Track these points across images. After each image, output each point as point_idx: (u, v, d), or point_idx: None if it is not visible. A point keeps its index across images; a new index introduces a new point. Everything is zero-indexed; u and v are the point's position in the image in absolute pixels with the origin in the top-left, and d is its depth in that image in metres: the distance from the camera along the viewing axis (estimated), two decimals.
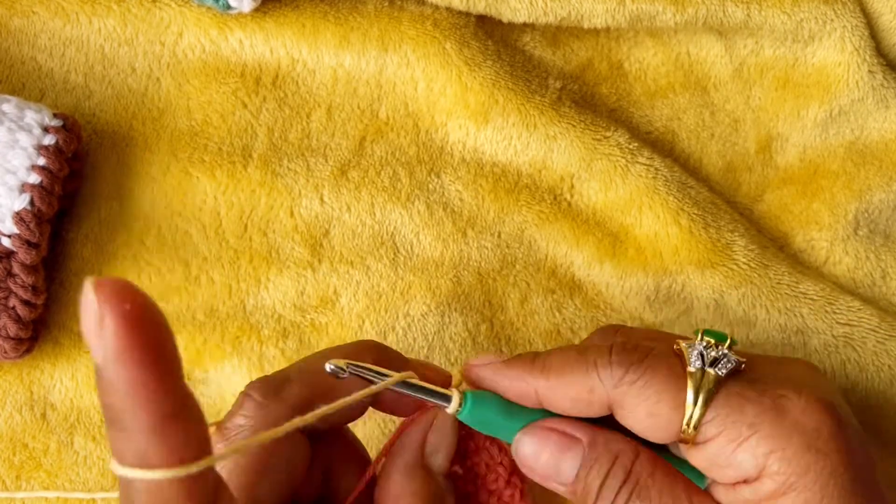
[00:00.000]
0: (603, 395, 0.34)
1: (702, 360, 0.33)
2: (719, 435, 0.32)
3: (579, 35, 0.50)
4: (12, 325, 0.42)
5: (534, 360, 0.36)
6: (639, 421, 0.34)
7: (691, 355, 0.34)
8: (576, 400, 0.34)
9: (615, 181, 0.47)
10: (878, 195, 0.48)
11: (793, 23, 0.47)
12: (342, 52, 0.48)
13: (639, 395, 0.33)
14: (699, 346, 0.34)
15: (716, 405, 0.32)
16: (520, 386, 0.35)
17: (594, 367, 0.34)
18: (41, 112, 0.44)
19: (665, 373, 0.33)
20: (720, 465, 0.33)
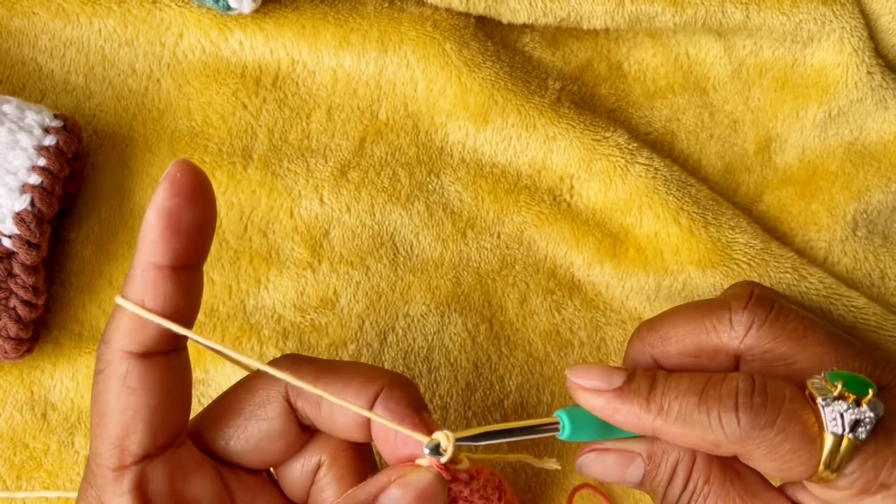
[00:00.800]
0: (729, 450, 0.33)
1: (841, 426, 0.31)
2: (849, 489, 0.32)
3: (579, 36, 0.51)
4: (13, 325, 0.42)
5: (649, 398, 0.34)
6: (764, 470, 0.34)
7: (828, 417, 0.31)
8: (697, 446, 0.34)
9: (615, 181, 0.47)
10: (877, 196, 0.49)
11: (792, 24, 0.47)
12: (342, 53, 0.48)
13: (768, 454, 0.32)
14: (838, 406, 0.32)
15: (850, 466, 0.32)
16: (636, 423, 0.34)
17: (718, 423, 0.32)
18: (42, 113, 0.44)
19: (799, 435, 0.32)
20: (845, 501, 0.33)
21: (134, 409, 0.32)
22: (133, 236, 0.47)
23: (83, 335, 0.46)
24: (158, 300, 0.31)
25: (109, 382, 0.32)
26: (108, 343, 0.32)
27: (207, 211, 0.32)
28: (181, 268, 0.32)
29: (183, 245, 0.31)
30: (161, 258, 0.31)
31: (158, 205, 0.31)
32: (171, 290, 0.32)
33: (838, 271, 0.48)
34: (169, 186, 0.31)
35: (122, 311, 0.32)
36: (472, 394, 0.46)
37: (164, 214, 0.31)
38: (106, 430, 0.32)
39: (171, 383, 0.33)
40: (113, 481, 0.32)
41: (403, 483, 0.33)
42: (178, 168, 0.31)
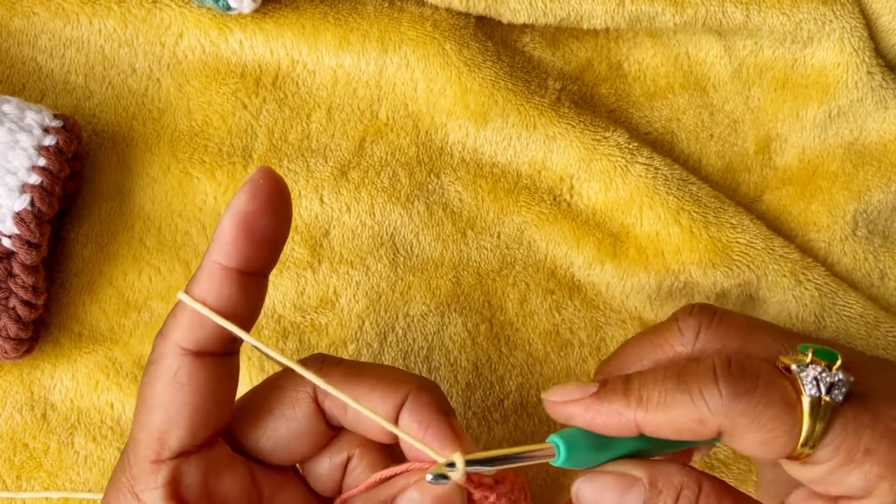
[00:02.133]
0: (713, 425, 0.33)
1: (817, 388, 0.32)
2: (833, 459, 0.32)
3: (579, 36, 0.51)
4: (13, 325, 0.42)
5: (626, 391, 0.34)
6: (749, 447, 0.33)
7: (805, 381, 0.32)
8: (682, 430, 0.33)
9: (615, 181, 0.47)
10: (877, 196, 0.49)
11: (792, 24, 0.47)
12: (342, 53, 0.48)
13: (751, 424, 0.32)
14: (812, 370, 0.33)
15: (832, 433, 0.32)
16: (618, 421, 0.34)
17: (700, 398, 0.33)
18: (41, 113, 0.44)
19: (780, 401, 0.32)
20: (826, 483, 0.33)
21: (179, 405, 0.32)
22: (133, 236, 0.47)
23: (83, 335, 0.46)
24: (221, 301, 0.32)
25: (160, 374, 0.32)
26: (164, 336, 0.33)
27: (283, 221, 0.33)
28: (248, 273, 0.32)
29: (254, 251, 0.32)
30: (230, 260, 0.32)
31: (237, 208, 0.32)
32: (234, 292, 0.32)
33: (838, 271, 0.48)
34: (250, 191, 0.32)
35: (184, 307, 0.32)
36: (472, 394, 0.46)
37: (240, 218, 0.32)
38: (149, 421, 0.32)
39: (218, 385, 0.33)
40: (148, 473, 0.32)
41: (422, 487, 0.34)
42: (261, 174, 0.32)
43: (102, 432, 0.46)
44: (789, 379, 0.33)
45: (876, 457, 0.32)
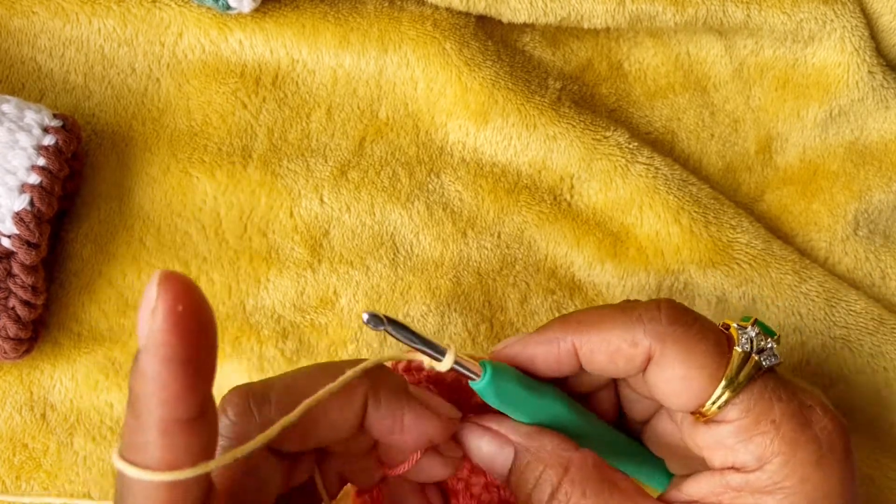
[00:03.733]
0: (646, 348, 0.33)
1: (751, 345, 0.33)
2: (740, 420, 0.33)
3: (579, 35, 0.50)
4: (12, 325, 0.42)
5: (565, 320, 0.35)
6: (668, 381, 0.33)
7: (741, 337, 0.33)
8: (614, 354, 0.34)
9: (615, 181, 0.47)
10: (878, 195, 0.49)
11: (793, 23, 0.47)
12: (342, 53, 0.48)
13: (681, 353, 0.33)
14: (751, 331, 0.34)
15: (748, 393, 0.33)
16: (557, 349, 0.35)
17: (640, 321, 0.33)
18: (41, 112, 0.44)
19: (713, 340, 0.33)
20: (724, 447, 0.33)
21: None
22: (132, 236, 0.47)
23: (82, 335, 0.46)
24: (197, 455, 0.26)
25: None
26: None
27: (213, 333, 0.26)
28: (202, 408, 0.26)
29: (202, 380, 0.26)
30: (184, 411, 0.25)
31: (164, 354, 0.25)
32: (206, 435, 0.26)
33: (839, 271, 0.48)
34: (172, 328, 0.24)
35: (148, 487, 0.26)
36: None
37: (174, 363, 0.25)
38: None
39: None
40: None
41: None
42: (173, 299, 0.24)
43: (102, 433, 0.45)
44: (726, 335, 0.34)
45: (781, 431, 0.32)
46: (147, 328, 0.25)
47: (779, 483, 0.32)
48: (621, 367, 0.34)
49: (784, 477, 0.32)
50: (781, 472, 0.32)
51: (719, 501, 0.33)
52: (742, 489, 0.33)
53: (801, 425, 0.33)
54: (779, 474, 0.32)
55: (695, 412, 0.34)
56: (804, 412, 0.33)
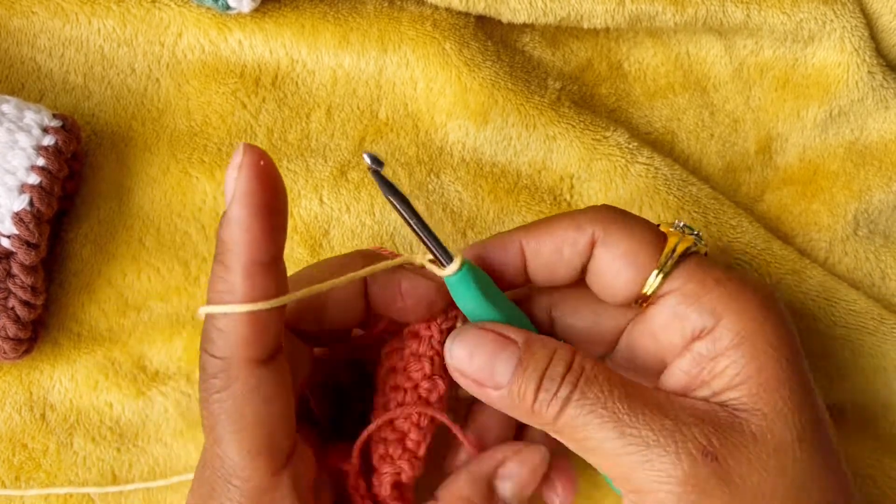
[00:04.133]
0: (589, 234, 0.36)
1: (681, 230, 0.36)
2: (685, 286, 0.35)
3: (579, 35, 0.50)
4: (11, 325, 0.42)
5: (511, 231, 0.37)
6: (614, 259, 0.35)
7: (674, 226, 0.37)
8: (559, 242, 0.36)
9: (615, 181, 0.47)
10: (878, 195, 0.48)
11: (792, 23, 0.47)
12: (342, 53, 0.48)
13: (622, 231, 0.35)
14: (678, 222, 0.37)
15: (688, 261, 0.35)
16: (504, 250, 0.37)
17: (584, 213, 0.36)
18: (40, 113, 0.44)
19: (651, 226, 0.36)
20: (679, 316, 0.35)
21: (276, 416, 0.32)
22: (132, 236, 0.47)
23: (82, 335, 0.46)
24: (273, 296, 0.31)
25: (241, 397, 0.31)
26: (227, 358, 0.31)
27: (284, 191, 0.31)
28: (277, 258, 0.31)
29: (279, 233, 0.31)
30: (264, 254, 0.30)
31: (250, 200, 0.30)
32: (273, 284, 0.31)
33: (839, 271, 0.48)
34: (257, 177, 0.30)
35: (234, 322, 0.31)
36: None
37: (258, 209, 0.30)
38: (250, 442, 0.31)
39: (289, 376, 0.33)
40: (272, 488, 0.32)
41: (521, 458, 0.36)
42: (256, 154, 0.30)
43: (101, 433, 0.45)
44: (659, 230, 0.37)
45: (726, 287, 0.34)
46: (233, 184, 0.30)
47: (738, 334, 0.33)
48: (566, 257, 0.36)
49: (742, 324, 0.33)
50: (737, 322, 0.34)
51: (701, 380, 0.34)
52: (713, 355, 0.34)
53: (741, 283, 0.34)
54: (736, 325, 0.33)
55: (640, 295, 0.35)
56: (739, 273, 0.35)
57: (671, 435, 0.32)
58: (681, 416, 0.32)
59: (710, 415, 0.33)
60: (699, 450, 0.32)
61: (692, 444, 0.32)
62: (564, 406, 0.33)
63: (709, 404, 0.33)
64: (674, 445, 0.32)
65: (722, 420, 0.33)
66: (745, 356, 0.33)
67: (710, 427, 0.32)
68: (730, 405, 0.33)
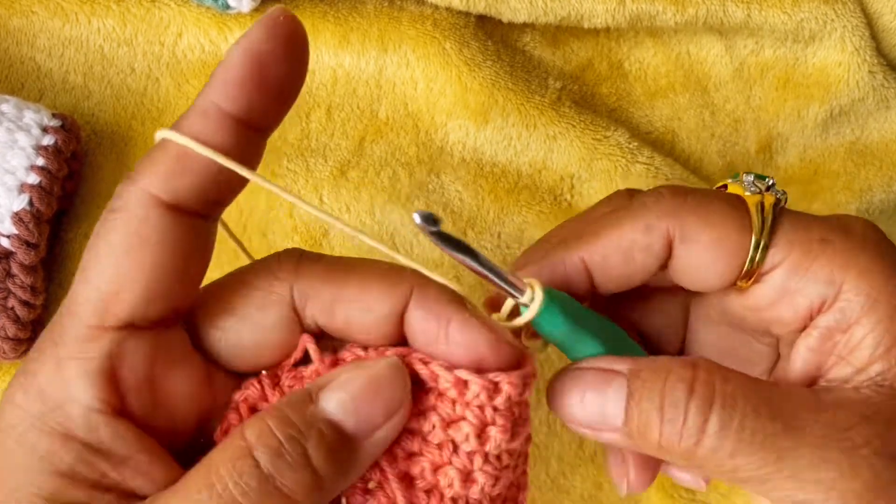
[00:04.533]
0: (662, 231, 0.31)
1: (756, 188, 0.32)
2: (789, 255, 0.30)
3: (579, 35, 0.50)
4: (11, 325, 0.42)
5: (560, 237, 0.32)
6: (702, 252, 0.30)
7: (745, 185, 0.32)
8: (629, 250, 0.31)
9: (616, 181, 0.47)
10: (879, 196, 0.48)
11: (793, 23, 0.47)
12: (342, 53, 0.48)
13: (700, 221, 0.30)
14: (747, 178, 0.32)
15: (782, 224, 0.30)
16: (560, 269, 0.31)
17: (645, 207, 0.31)
18: (40, 112, 0.44)
19: (723, 197, 0.31)
20: (791, 291, 0.30)
21: (137, 263, 0.26)
22: None
23: None
24: (215, 146, 0.26)
25: (119, 224, 0.27)
26: (134, 181, 0.27)
27: (299, 71, 0.27)
28: (248, 126, 0.27)
29: (261, 99, 0.27)
30: (232, 104, 0.26)
31: (249, 45, 0.26)
32: (229, 142, 0.27)
33: None
34: (267, 29, 0.26)
35: (164, 150, 0.27)
36: None
37: (252, 57, 0.26)
38: (96, 278, 0.27)
39: (187, 250, 0.27)
40: (84, 340, 0.26)
41: (355, 366, 0.28)
42: (282, 12, 0.27)
43: None
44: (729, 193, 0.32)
45: (834, 246, 0.30)
46: (256, 25, 0.26)
47: (868, 294, 0.29)
48: (640, 263, 0.31)
49: (869, 288, 0.29)
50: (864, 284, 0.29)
51: (839, 356, 0.30)
52: (844, 326, 0.29)
53: (846, 233, 0.30)
54: (863, 287, 0.29)
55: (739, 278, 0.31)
56: (841, 221, 0.31)
57: (839, 444, 0.27)
58: (842, 418, 0.28)
59: (872, 405, 0.28)
60: (876, 453, 0.27)
61: (867, 450, 0.27)
62: (700, 436, 0.28)
63: (862, 392, 0.29)
64: (846, 457, 0.27)
65: (884, 407, 0.28)
66: (882, 320, 0.29)
67: (879, 421, 0.28)
68: (885, 384, 0.28)
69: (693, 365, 0.29)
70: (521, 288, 0.29)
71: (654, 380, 0.29)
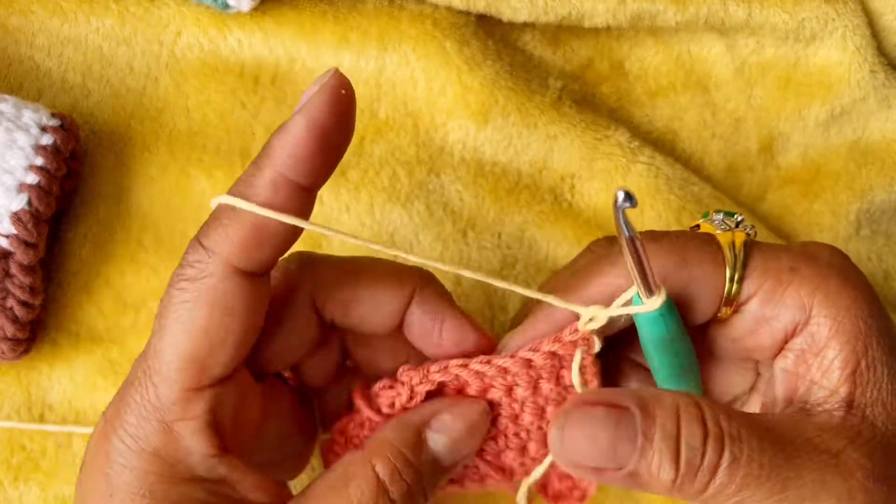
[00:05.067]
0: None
1: (726, 225, 0.34)
2: (763, 286, 0.32)
3: (580, 34, 0.50)
4: (10, 325, 0.42)
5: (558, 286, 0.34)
6: (684, 289, 0.32)
7: (713, 223, 0.34)
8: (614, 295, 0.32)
9: (616, 181, 0.47)
10: (880, 195, 0.48)
11: (794, 22, 0.47)
12: (341, 52, 0.48)
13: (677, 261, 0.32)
14: (716, 216, 0.34)
15: (753, 257, 0.32)
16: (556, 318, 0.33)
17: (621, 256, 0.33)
18: (39, 112, 0.44)
19: (697, 238, 0.33)
20: (765, 319, 0.32)
21: (227, 332, 0.29)
22: (131, 236, 0.46)
23: (81, 336, 0.46)
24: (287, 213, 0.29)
25: (204, 295, 0.29)
26: (213, 252, 0.29)
27: (351, 132, 0.30)
28: (311, 189, 0.30)
29: (324, 168, 0.30)
30: (301, 177, 0.29)
31: (313, 118, 0.29)
32: (297, 208, 0.29)
33: None
34: (331, 102, 0.29)
35: (238, 221, 0.29)
36: None
37: (317, 131, 0.29)
38: (186, 345, 0.29)
39: (260, 307, 0.31)
40: (184, 402, 0.30)
41: (456, 412, 0.33)
42: (340, 82, 0.29)
43: None
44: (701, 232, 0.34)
45: (802, 273, 0.32)
46: (307, 98, 0.29)
47: (835, 318, 0.31)
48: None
49: (835, 310, 0.31)
50: (828, 308, 0.31)
51: (811, 380, 0.31)
52: (816, 350, 0.31)
53: (812, 260, 0.32)
54: (828, 311, 0.31)
55: (719, 310, 0.33)
56: (807, 250, 0.33)
57: (835, 470, 0.29)
58: (832, 444, 0.29)
59: (851, 428, 0.30)
60: (868, 476, 0.29)
61: (861, 474, 0.29)
62: (713, 475, 0.29)
63: (837, 415, 0.30)
64: (843, 482, 0.29)
65: (862, 430, 0.30)
66: (848, 343, 0.31)
67: (861, 444, 0.30)
68: (854, 404, 0.30)
69: (696, 403, 0.30)
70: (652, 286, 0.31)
71: (667, 418, 0.29)
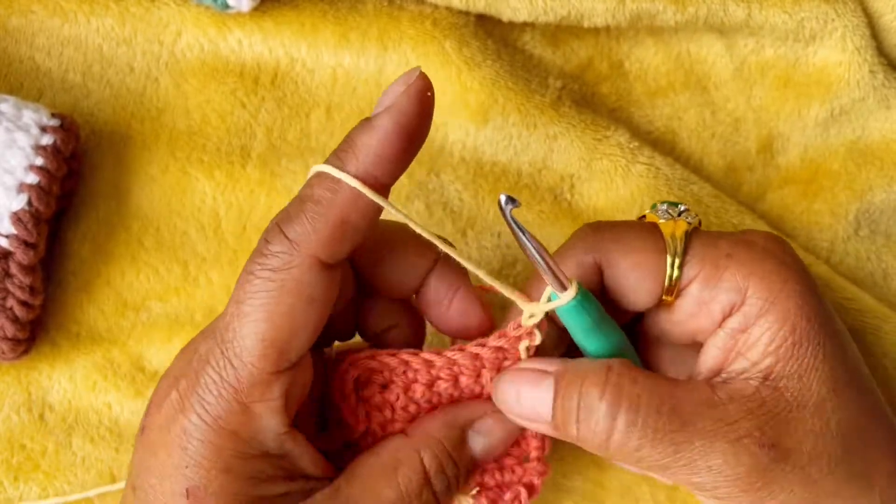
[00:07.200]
0: (591, 262, 0.35)
1: (668, 214, 0.37)
2: (701, 271, 0.34)
3: (579, 34, 0.50)
4: (10, 325, 0.42)
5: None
6: (626, 276, 0.35)
7: (657, 212, 0.36)
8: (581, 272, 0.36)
9: (616, 181, 0.47)
10: (880, 195, 0.48)
11: (794, 22, 0.47)
12: (341, 52, 0.48)
13: (621, 248, 0.35)
14: (661, 206, 0.37)
15: (693, 245, 0.35)
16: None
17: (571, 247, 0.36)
18: (39, 112, 0.44)
19: (639, 226, 0.36)
20: (704, 302, 0.34)
21: (307, 319, 0.31)
22: (131, 235, 0.46)
23: (81, 335, 0.46)
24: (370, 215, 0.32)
25: (287, 285, 0.31)
26: (298, 244, 0.31)
27: (427, 135, 0.32)
28: (389, 186, 0.32)
29: (404, 165, 0.32)
30: (388, 177, 0.32)
31: (401, 119, 0.31)
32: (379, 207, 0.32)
33: (841, 271, 0.48)
34: (417, 103, 0.31)
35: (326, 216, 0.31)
36: None
37: (405, 132, 0.31)
38: (269, 332, 0.31)
39: (336, 293, 0.33)
40: (265, 384, 0.32)
41: (499, 417, 0.36)
42: (426, 84, 0.31)
43: (100, 433, 0.45)
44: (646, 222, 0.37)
45: (738, 258, 0.34)
46: (393, 97, 0.31)
47: (767, 299, 0.33)
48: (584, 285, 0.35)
49: (768, 291, 0.33)
50: (762, 289, 0.33)
51: (738, 352, 0.34)
52: (744, 327, 0.34)
53: (749, 246, 0.34)
54: (761, 292, 0.33)
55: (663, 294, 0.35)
56: (745, 238, 0.35)
57: (725, 436, 0.32)
58: (730, 412, 0.32)
59: (757, 398, 0.33)
60: (756, 443, 0.32)
61: (749, 440, 0.32)
62: (610, 433, 0.33)
63: (752, 384, 0.33)
64: (731, 447, 0.32)
65: (768, 400, 0.32)
66: (777, 321, 0.33)
67: (760, 414, 0.32)
68: (771, 376, 0.33)
69: (608, 368, 0.33)
70: (563, 281, 0.33)
71: (574, 382, 0.34)
